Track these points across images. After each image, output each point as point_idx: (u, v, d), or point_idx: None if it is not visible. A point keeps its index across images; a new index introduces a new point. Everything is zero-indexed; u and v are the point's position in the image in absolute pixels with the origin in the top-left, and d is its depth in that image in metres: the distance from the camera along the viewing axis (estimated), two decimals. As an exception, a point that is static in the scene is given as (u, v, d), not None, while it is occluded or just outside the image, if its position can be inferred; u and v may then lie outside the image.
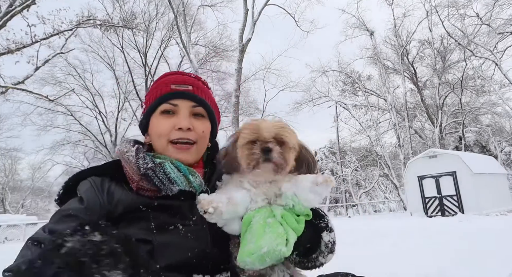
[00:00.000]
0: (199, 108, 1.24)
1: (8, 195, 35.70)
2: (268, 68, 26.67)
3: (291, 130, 1.13)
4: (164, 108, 1.21)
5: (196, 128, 1.22)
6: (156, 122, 1.22)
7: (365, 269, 1.37)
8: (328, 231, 1.08)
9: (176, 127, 1.18)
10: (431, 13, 27.13)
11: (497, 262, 4.57)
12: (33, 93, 15.99)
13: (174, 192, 1.12)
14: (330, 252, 1.08)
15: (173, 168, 1.13)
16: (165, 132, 1.19)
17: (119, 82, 28.02)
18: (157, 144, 1.22)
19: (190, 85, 1.25)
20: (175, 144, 1.19)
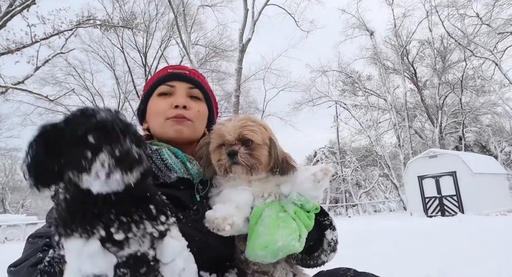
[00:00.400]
0: (195, 90, 1.29)
1: (8, 195, 35.71)
2: (268, 68, 26.69)
3: (258, 126, 1.09)
4: (162, 90, 1.26)
5: (192, 107, 1.24)
6: (154, 103, 1.26)
7: (365, 269, 1.37)
8: (331, 229, 1.09)
9: (173, 105, 1.21)
10: (431, 13, 27.15)
11: (497, 262, 4.57)
12: (33, 93, 15.99)
13: (172, 179, 1.11)
14: (333, 251, 1.08)
15: (171, 154, 1.13)
16: (163, 110, 1.22)
17: (119, 82, 28.03)
18: (155, 122, 1.24)
19: (187, 71, 1.31)
20: (171, 119, 1.21)
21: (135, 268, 0.75)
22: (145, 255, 0.77)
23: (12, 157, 35.28)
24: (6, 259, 1.29)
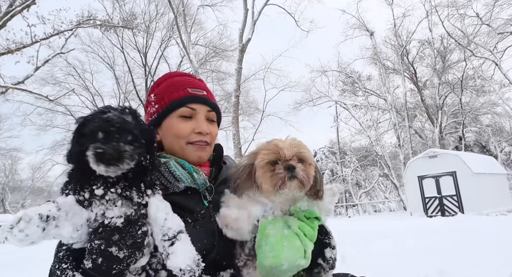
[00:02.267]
0: (213, 113, 1.34)
1: (8, 195, 35.70)
2: (268, 68, 26.67)
3: (307, 147, 1.18)
4: (183, 113, 1.28)
5: (212, 132, 1.32)
6: (175, 124, 1.27)
7: (365, 269, 1.38)
8: (331, 248, 1.12)
9: (196, 130, 1.27)
10: (431, 13, 27.14)
11: (497, 262, 4.58)
12: (33, 93, 15.99)
13: (180, 188, 1.18)
14: (331, 268, 1.11)
15: (178, 166, 1.19)
16: (185, 135, 1.26)
17: (119, 82, 28.03)
18: (174, 143, 1.28)
19: (204, 90, 1.35)
20: (193, 144, 1.27)
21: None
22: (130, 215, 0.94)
23: (12, 157, 35.36)
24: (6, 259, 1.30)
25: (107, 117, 0.92)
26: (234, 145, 18.94)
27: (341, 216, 28.82)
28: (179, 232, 0.96)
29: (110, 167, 0.87)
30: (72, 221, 0.87)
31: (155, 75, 27.71)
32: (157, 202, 0.98)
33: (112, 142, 0.89)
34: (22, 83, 15.92)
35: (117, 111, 0.96)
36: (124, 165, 0.89)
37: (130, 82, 27.36)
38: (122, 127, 0.92)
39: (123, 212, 0.91)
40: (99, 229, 0.87)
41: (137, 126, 0.97)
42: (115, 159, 0.87)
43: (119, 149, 0.89)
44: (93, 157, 0.86)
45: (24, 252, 10.74)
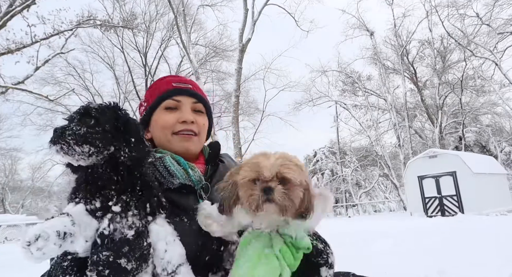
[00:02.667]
0: (199, 104, 1.35)
1: (8, 195, 35.71)
2: (268, 68, 26.67)
3: (297, 165, 1.03)
4: (168, 104, 1.30)
5: (198, 121, 1.31)
6: (160, 116, 1.30)
7: (366, 269, 1.36)
8: (327, 267, 1.06)
9: (180, 120, 1.27)
10: (431, 13, 27.15)
11: (497, 262, 4.58)
12: (33, 93, 16.00)
13: (175, 185, 1.16)
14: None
15: (173, 162, 1.18)
16: (170, 125, 1.27)
17: (119, 82, 28.02)
18: (161, 136, 1.29)
19: (189, 84, 1.36)
20: (178, 134, 1.27)
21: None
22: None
23: (12, 157, 35.35)
24: (6, 259, 1.29)
25: (84, 106, 0.94)
26: (234, 145, 18.95)
27: (341, 216, 28.83)
28: (178, 266, 0.93)
29: (57, 146, 0.86)
30: (84, 234, 0.86)
31: (155, 75, 27.69)
32: (157, 229, 0.95)
33: (66, 125, 0.89)
34: (22, 83, 15.92)
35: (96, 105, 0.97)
36: (75, 146, 0.86)
37: (130, 82, 27.38)
38: (83, 112, 0.92)
39: (134, 224, 0.89)
40: (106, 240, 0.85)
41: (103, 112, 0.95)
42: (60, 136, 0.86)
43: (66, 127, 0.88)
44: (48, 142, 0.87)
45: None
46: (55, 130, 0.88)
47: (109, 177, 0.94)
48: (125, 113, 1.01)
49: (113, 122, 0.96)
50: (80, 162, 0.90)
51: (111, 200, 0.90)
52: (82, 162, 0.90)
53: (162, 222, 0.98)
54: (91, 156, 0.90)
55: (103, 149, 0.91)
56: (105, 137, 0.92)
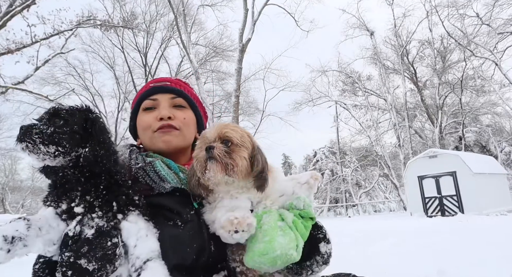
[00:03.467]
0: (179, 99, 1.32)
1: (8, 195, 35.71)
2: (268, 68, 26.67)
3: (238, 128, 1.10)
4: (146, 105, 1.29)
5: (177, 116, 1.28)
6: (141, 118, 1.30)
7: (366, 269, 1.36)
8: (325, 242, 1.08)
9: (158, 117, 1.24)
10: (431, 13, 27.15)
11: (497, 262, 4.58)
12: (33, 93, 15.98)
13: (167, 189, 1.14)
14: (324, 263, 1.07)
15: (163, 166, 1.15)
16: (149, 124, 1.26)
17: (119, 82, 28.02)
18: (144, 137, 1.28)
19: (168, 81, 1.34)
20: (157, 131, 1.25)
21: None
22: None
23: (12, 157, 35.33)
24: (6, 259, 1.27)
25: (51, 108, 0.94)
26: (234, 145, 18.88)
27: (341, 216, 28.83)
28: (146, 261, 0.90)
29: (22, 144, 0.85)
30: (46, 237, 0.85)
31: (155, 75, 27.69)
32: (128, 226, 0.93)
33: (33, 123, 0.89)
34: (22, 83, 15.92)
35: (70, 106, 0.98)
36: (40, 146, 0.86)
37: (130, 82, 27.37)
38: (52, 112, 0.92)
39: (96, 223, 0.88)
40: (69, 241, 0.85)
41: (73, 114, 0.95)
42: (25, 135, 0.85)
43: (32, 126, 0.87)
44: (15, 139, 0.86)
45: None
46: (21, 128, 0.87)
47: (76, 178, 0.93)
48: (95, 116, 1.00)
49: (82, 124, 0.95)
50: (46, 162, 0.90)
51: (74, 202, 0.90)
52: (48, 162, 0.90)
53: (134, 218, 0.96)
54: (58, 157, 0.89)
55: (69, 150, 0.90)
56: (72, 138, 0.91)
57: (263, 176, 1.06)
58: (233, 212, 0.98)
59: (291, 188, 1.08)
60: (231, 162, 1.02)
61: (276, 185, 1.10)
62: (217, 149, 1.02)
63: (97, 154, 0.93)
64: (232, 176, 1.03)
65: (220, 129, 1.07)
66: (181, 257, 1.04)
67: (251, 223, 0.95)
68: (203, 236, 1.10)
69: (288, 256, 0.94)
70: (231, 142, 1.05)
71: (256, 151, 1.09)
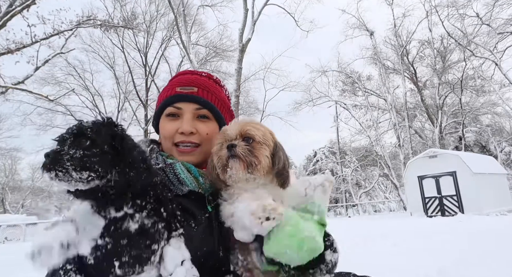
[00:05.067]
0: (204, 110, 1.26)
1: (8, 195, 35.73)
2: (268, 68, 26.69)
3: (260, 126, 1.09)
4: (169, 111, 1.25)
5: (200, 130, 1.23)
6: (163, 124, 1.26)
7: (366, 268, 1.36)
8: (331, 250, 1.03)
9: (179, 130, 1.21)
10: (431, 13, 27.16)
11: (497, 262, 4.58)
12: (33, 93, 15.98)
13: (184, 192, 1.13)
14: (328, 273, 1.02)
15: (184, 169, 1.14)
16: (170, 135, 1.23)
17: (119, 82, 28.02)
18: (164, 145, 1.26)
19: (196, 87, 1.27)
20: (178, 147, 1.22)
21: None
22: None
23: (12, 157, 35.38)
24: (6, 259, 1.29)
25: (75, 127, 0.85)
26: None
27: (341, 216, 28.83)
28: None
29: (51, 173, 0.77)
30: (90, 236, 0.83)
31: (155, 75, 27.72)
32: (171, 252, 0.90)
33: (59, 147, 0.81)
34: (22, 83, 15.93)
35: (90, 122, 0.88)
36: (72, 173, 0.77)
37: (130, 82, 27.38)
38: (77, 132, 0.83)
39: (140, 221, 0.85)
40: (112, 227, 0.83)
41: (99, 131, 0.85)
42: (53, 163, 0.77)
43: (60, 151, 0.79)
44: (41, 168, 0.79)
45: (24, 252, 10.73)
46: (47, 155, 0.79)
47: (118, 196, 0.86)
48: (121, 130, 0.92)
49: (110, 142, 0.86)
50: (78, 187, 0.82)
51: (126, 205, 0.86)
52: (81, 187, 0.82)
53: (178, 243, 0.93)
54: (91, 182, 0.82)
55: (104, 173, 0.82)
56: (103, 160, 0.83)
57: (285, 173, 1.05)
58: (259, 201, 0.94)
59: (304, 190, 1.06)
60: (253, 160, 1.02)
61: (291, 187, 1.09)
62: (240, 148, 1.02)
63: (128, 178, 0.85)
64: (254, 174, 1.02)
65: (242, 126, 1.06)
66: (193, 258, 1.03)
67: (283, 212, 0.90)
68: (213, 240, 1.11)
69: (315, 241, 0.91)
70: (253, 139, 1.05)
71: (278, 149, 1.08)
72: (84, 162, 0.79)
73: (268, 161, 1.04)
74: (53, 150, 0.80)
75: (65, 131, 0.86)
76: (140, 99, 26.72)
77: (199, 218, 1.11)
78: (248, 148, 1.02)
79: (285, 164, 1.06)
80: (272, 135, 1.11)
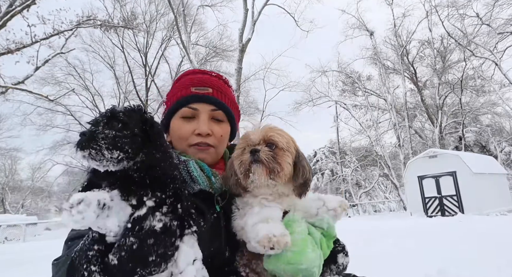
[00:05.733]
0: (219, 112, 1.26)
1: (8, 195, 35.72)
2: (268, 68, 26.69)
3: (283, 132, 1.09)
4: (184, 113, 1.24)
5: (216, 132, 1.23)
6: (177, 125, 1.25)
7: (366, 269, 1.36)
8: (344, 254, 1.08)
9: (196, 132, 1.21)
10: (431, 13, 27.16)
11: (497, 262, 4.58)
12: (33, 93, 15.98)
13: (195, 190, 1.12)
14: (338, 274, 1.06)
15: (197, 167, 1.13)
16: (186, 136, 1.22)
17: (119, 82, 28.03)
18: (178, 145, 1.25)
19: (210, 87, 1.26)
20: (194, 146, 1.21)
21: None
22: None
23: (12, 157, 35.35)
24: (6, 259, 1.28)
25: (110, 110, 0.90)
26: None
27: (341, 216, 28.75)
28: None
29: (85, 152, 0.81)
30: (118, 216, 0.85)
31: (155, 75, 27.72)
32: (186, 250, 0.90)
33: (93, 128, 0.85)
34: (22, 83, 15.92)
35: (124, 107, 0.93)
36: (105, 152, 0.82)
37: (130, 82, 27.39)
38: (110, 115, 0.88)
39: (163, 219, 0.86)
40: (137, 227, 0.84)
41: (131, 115, 0.90)
42: (89, 141, 0.81)
43: (94, 131, 0.83)
44: (75, 146, 0.83)
45: (24, 252, 10.74)
46: (83, 134, 0.83)
47: (142, 181, 0.89)
48: (151, 117, 0.96)
49: (141, 126, 0.91)
50: (108, 167, 0.85)
51: (146, 196, 0.87)
52: (111, 168, 0.85)
53: (191, 241, 0.93)
54: (121, 162, 0.85)
55: (133, 155, 0.86)
56: (134, 141, 0.87)
57: (308, 184, 1.06)
58: (268, 225, 0.95)
59: (316, 209, 1.06)
60: (276, 167, 1.01)
61: (304, 202, 1.08)
62: (263, 153, 1.01)
63: (155, 159, 0.89)
64: (276, 180, 1.02)
65: (266, 132, 1.06)
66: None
67: (288, 242, 0.92)
68: (221, 240, 1.10)
69: (311, 272, 0.94)
70: (276, 146, 1.05)
71: (301, 158, 1.09)
72: (116, 142, 0.83)
73: (290, 168, 1.05)
74: (89, 130, 0.84)
75: (98, 115, 0.90)
76: (140, 99, 26.72)
77: (208, 217, 1.10)
78: (272, 154, 1.02)
79: (309, 175, 1.06)
80: (294, 143, 1.11)
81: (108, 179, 0.88)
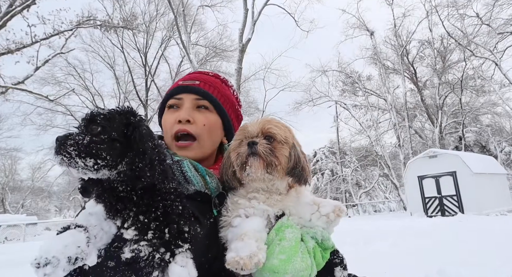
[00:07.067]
0: (204, 101, 1.23)
1: (8, 195, 35.71)
2: (268, 68, 26.69)
3: (282, 124, 1.07)
4: (170, 103, 1.24)
5: (197, 120, 1.20)
6: (165, 117, 1.25)
7: (366, 268, 1.35)
8: (341, 267, 1.04)
9: (177, 120, 1.18)
10: (431, 13, 27.16)
11: (497, 262, 4.58)
12: (33, 93, 15.99)
13: (190, 192, 1.08)
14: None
15: (191, 167, 1.10)
16: (169, 126, 1.20)
17: (119, 82, 28.03)
18: (166, 140, 1.23)
19: (198, 80, 1.27)
20: (177, 141, 1.19)
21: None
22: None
23: (12, 157, 35.35)
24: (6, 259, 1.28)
25: (89, 114, 0.83)
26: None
27: (341, 216, 28.74)
28: None
29: (58, 157, 0.75)
30: (99, 244, 0.80)
31: (155, 75, 27.72)
32: (178, 271, 0.83)
33: (69, 133, 0.79)
34: (22, 83, 15.92)
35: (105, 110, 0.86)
36: (77, 159, 0.75)
37: (130, 82, 27.40)
38: (89, 119, 0.81)
39: (139, 248, 0.80)
40: (113, 253, 0.80)
41: (112, 119, 0.82)
42: (59, 147, 0.75)
43: (67, 136, 0.77)
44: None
45: (24, 252, 10.73)
46: (57, 139, 0.77)
47: (127, 195, 0.82)
48: (138, 120, 0.86)
49: (122, 130, 0.82)
50: (88, 175, 0.79)
51: (127, 222, 0.82)
52: (91, 175, 0.79)
53: (184, 260, 0.85)
54: (100, 170, 0.78)
55: (113, 163, 0.78)
56: (112, 147, 0.78)
57: (296, 171, 1.03)
58: (242, 243, 0.91)
59: (309, 215, 1.03)
60: (274, 160, 1.00)
61: (299, 206, 1.06)
62: (261, 146, 0.99)
63: (135, 168, 0.79)
64: (272, 174, 1.00)
65: (264, 124, 1.04)
66: (197, 264, 0.99)
67: (259, 261, 0.88)
68: (218, 245, 1.07)
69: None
70: (274, 138, 1.03)
71: (297, 146, 1.07)
72: (90, 149, 0.76)
73: (287, 161, 1.03)
74: (64, 135, 0.78)
75: (81, 118, 0.85)
76: (140, 99, 26.73)
77: (204, 222, 1.06)
78: (270, 147, 1.00)
79: (296, 163, 1.04)
80: (292, 134, 1.10)
81: (97, 186, 0.83)
